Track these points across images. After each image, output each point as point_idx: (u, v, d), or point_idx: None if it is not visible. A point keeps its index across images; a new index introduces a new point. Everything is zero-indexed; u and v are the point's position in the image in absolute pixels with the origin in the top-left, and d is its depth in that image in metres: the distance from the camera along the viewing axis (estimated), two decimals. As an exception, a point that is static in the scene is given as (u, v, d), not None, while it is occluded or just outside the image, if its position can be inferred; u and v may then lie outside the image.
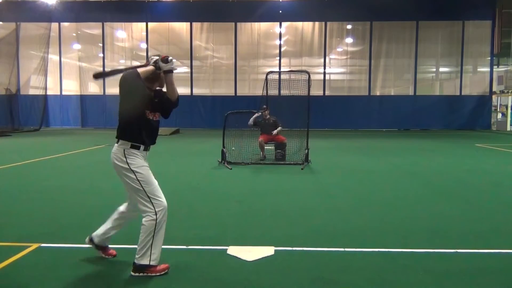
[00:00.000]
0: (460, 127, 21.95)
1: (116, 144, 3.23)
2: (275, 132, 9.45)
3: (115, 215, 3.47)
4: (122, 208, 3.46)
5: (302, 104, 9.16)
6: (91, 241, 3.46)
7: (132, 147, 3.15)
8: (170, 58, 3.09)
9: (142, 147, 3.18)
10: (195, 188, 6.46)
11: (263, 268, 3.28)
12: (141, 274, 3.11)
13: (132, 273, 3.13)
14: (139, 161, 3.16)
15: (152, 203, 3.10)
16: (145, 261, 3.09)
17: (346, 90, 23.64)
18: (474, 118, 22.10)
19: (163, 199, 3.17)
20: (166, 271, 3.17)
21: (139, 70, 3.08)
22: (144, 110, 3.15)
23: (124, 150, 3.15)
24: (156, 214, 3.08)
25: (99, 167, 8.75)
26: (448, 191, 6.33)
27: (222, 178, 7.40)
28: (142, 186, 3.10)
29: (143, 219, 3.12)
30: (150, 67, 3.11)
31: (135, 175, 3.11)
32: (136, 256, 3.12)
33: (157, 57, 3.12)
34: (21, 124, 20.92)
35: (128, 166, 3.12)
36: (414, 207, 5.32)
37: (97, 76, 3.19)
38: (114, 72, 3.23)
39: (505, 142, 14.97)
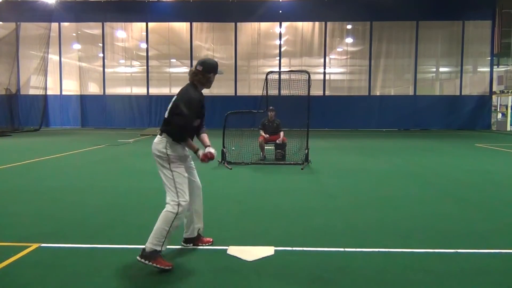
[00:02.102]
0: (460, 127, 21.95)
1: (159, 136, 3.39)
2: (279, 140, 9.43)
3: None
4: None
5: (302, 104, 9.15)
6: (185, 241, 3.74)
7: (174, 140, 3.36)
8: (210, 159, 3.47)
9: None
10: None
11: (263, 268, 3.28)
12: (147, 261, 3.16)
13: (138, 258, 3.19)
14: (178, 153, 3.37)
15: (177, 194, 3.28)
16: (157, 247, 3.19)
17: (346, 90, 23.65)
18: (474, 118, 22.11)
19: (187, 195, 3.35)
20: (170, 267, 3.20)
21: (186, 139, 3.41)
22: (194, 121, 3.46)
23: (166, 142, 3.33)
24: (178, 206, 3.25)
25: (99, 167, 8.75)
26: (448, 191, 6.33)
27: (222, 178, 7.40)
28: (173, 177, 3.29)
29: (166, 208, 3.27)
30: (194, 147, 3.44)
31: (170, 165, 3.31)
32: (148, 242, 3.21)
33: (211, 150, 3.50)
34: (21, 124, 20.93)
35: (167, 156, 3.31)
36: (414, 207, 5.32)
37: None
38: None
39: (505, 142, 14.97)
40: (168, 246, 3.70)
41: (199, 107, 3.42)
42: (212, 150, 3.50)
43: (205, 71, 3.45)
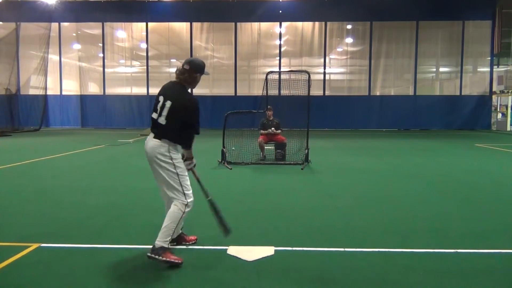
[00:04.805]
0: (460, 127, 21.95)
1: (157, 141, 3.38)
2: (272, 129, 9.43)
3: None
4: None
5: (302, 104, 9.15)
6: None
7: (175, 143, 3.45)
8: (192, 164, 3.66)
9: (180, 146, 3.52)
10: (195, 188, 6.45)
11: (263, 268, 3.28)
12: (158, 256, 3.21)
13: (148, 254, 3.24)
14: (180, 156, 3.46)
15: (185, 195, 3.39)
16: (165, 244, 3.27)
17: (346, 90, 23.64)
18: (474, 118, 22.10)
19: (192, 193, 3.47)
20: (179, 262, 3.27)
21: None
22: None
23: (168, 146, 3.37)
24: (186, 205, 3.38)
25: (99, 167, 8.76)
26: (448, 191, 6.33)
27: (222, 178, 7.40)
28: (179, 180, 3.37)
29: (174, 208, 3.33)
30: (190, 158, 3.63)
31: (176, 169, 3.37)
32: (158, 239, 3.27)
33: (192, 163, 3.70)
34: (21, 124, 20.93)
35: (172, 161, 3.37)
36: (414, 207, 5.32)
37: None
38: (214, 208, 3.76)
39: (505, 142, 14.97)
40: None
41: None
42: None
43: (191, 71, 3.46)
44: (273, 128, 9.45)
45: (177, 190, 3.36)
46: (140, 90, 23.59)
